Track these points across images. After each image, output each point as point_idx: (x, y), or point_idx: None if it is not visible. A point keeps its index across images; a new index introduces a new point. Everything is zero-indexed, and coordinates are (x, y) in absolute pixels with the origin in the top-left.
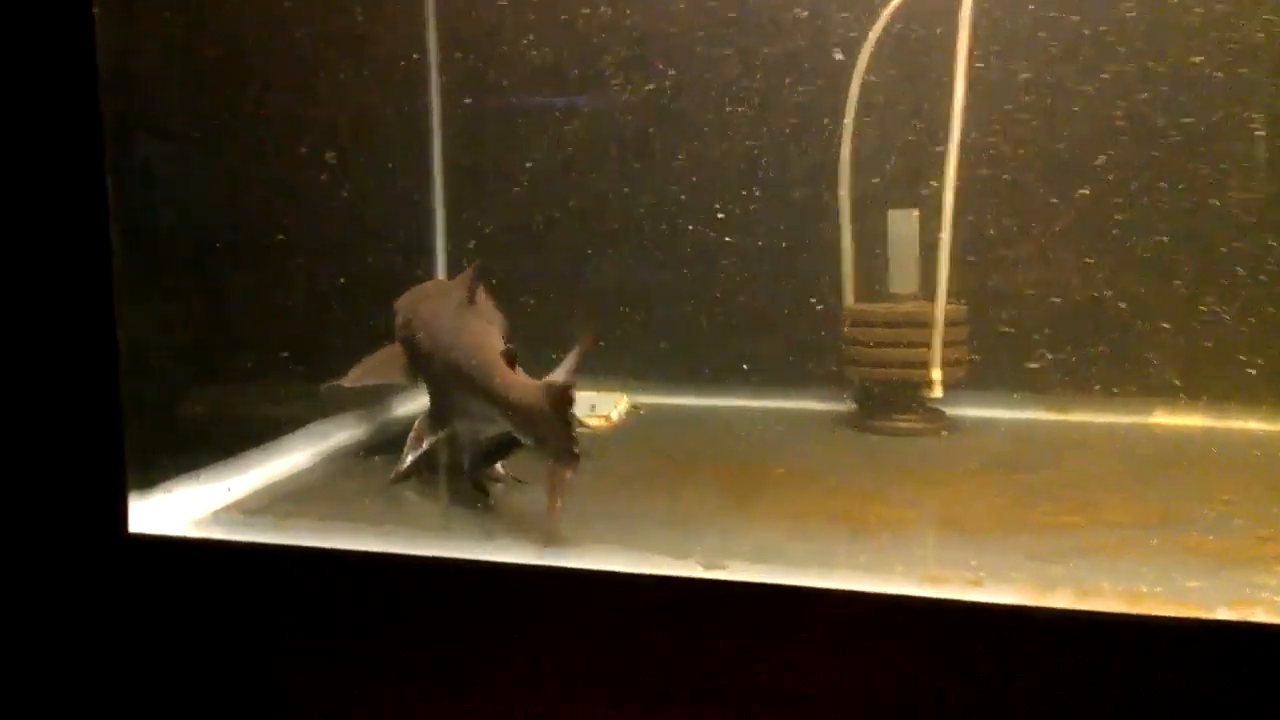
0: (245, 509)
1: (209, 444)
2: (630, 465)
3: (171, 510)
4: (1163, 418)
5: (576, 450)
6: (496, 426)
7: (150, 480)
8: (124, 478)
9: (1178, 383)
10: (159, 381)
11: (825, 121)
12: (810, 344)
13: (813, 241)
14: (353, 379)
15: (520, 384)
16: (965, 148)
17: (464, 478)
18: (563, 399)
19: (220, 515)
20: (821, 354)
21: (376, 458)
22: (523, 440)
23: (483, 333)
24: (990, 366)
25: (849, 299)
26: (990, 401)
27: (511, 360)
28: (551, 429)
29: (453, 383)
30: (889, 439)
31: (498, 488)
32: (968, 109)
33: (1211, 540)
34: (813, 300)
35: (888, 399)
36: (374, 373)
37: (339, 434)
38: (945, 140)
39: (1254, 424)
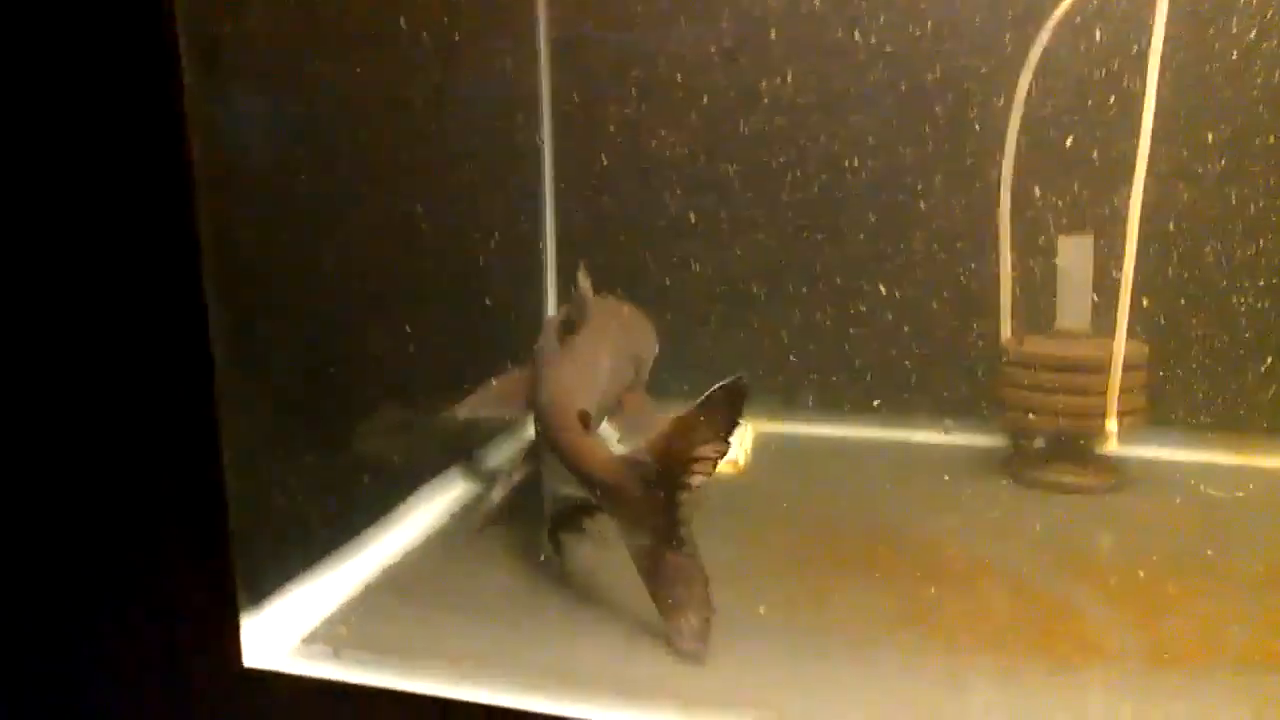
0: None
1: (318, 532)
2: (761, 542)
3: (287, 627)
4: None
5: (681, 538)
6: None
7: (262, 592)
8: (235, 604)
9: None
10: (260, 466)
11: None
12: (961, 376)
13: (975, 265)
14: (468, 409)
15: (594, 455)
16: (1154, 167)
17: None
18: (654, 472)
19: (336, 624)
20: (972, 388)
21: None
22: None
23: (570, 379)
24: (1171, 404)
25: (1006, 332)
26: (1158, 440)
27: (585, 422)
28: (642, 511)
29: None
30: (1053, 496)
31: (582, 549)
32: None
33: None
34: (966, 329)
35: (1052, 448)
36: (491, 403)
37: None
38: (1131, 158)
39: None
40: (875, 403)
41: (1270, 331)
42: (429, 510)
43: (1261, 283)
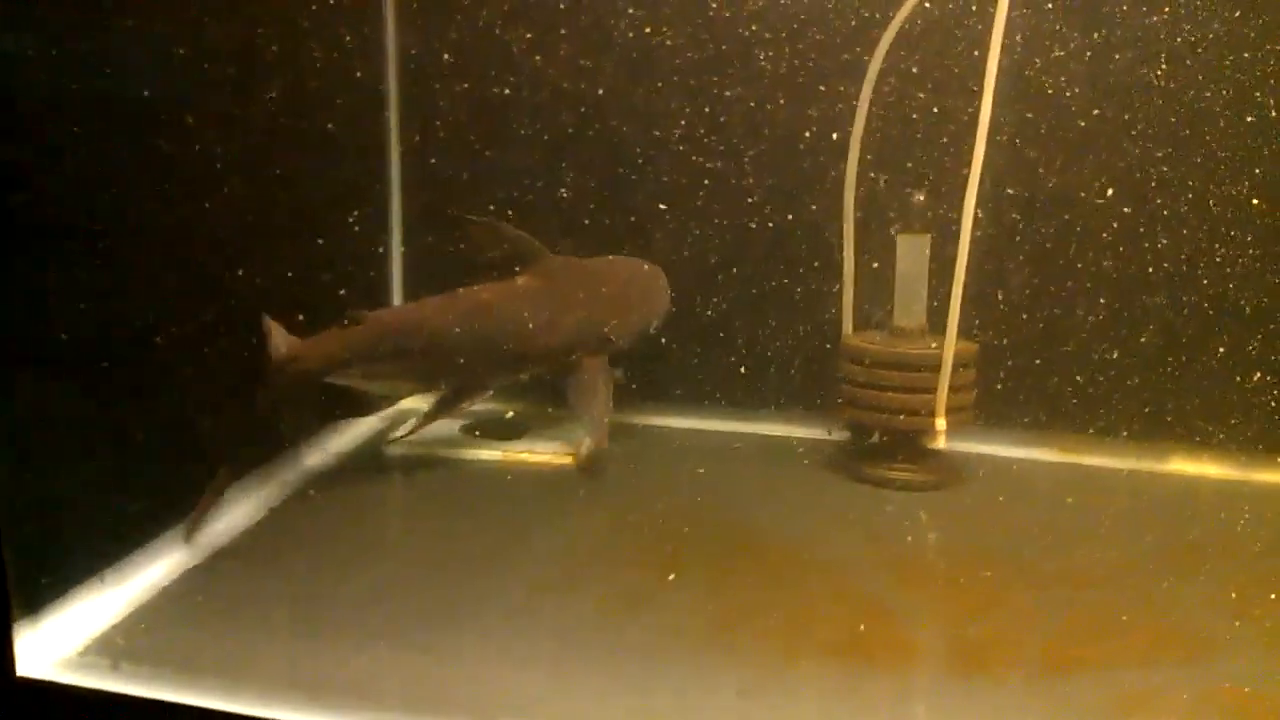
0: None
1: (105, 538)
2: (582, 535)
3: (65, 637)
4: (1180, 464)
5: None
6: None
7: (40, 601)
8: (7, 612)
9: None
10: (37, 467)
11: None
12: (805, 370)
13: (819, 261)
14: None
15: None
16: (989, 168)
17: None
18: None
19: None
20: (817, 382)
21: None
22: None
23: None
24: (998, 401)
25: (848, 328)
26: (995, 438)
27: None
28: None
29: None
30: (885, 492)
31: None
32: (995, 122)
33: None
34: (807, 327)
35: (885, 444)
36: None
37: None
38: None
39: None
40: (716, 395)
41: (1098, 332)
42: (229, 516)
43: (1089, 285)
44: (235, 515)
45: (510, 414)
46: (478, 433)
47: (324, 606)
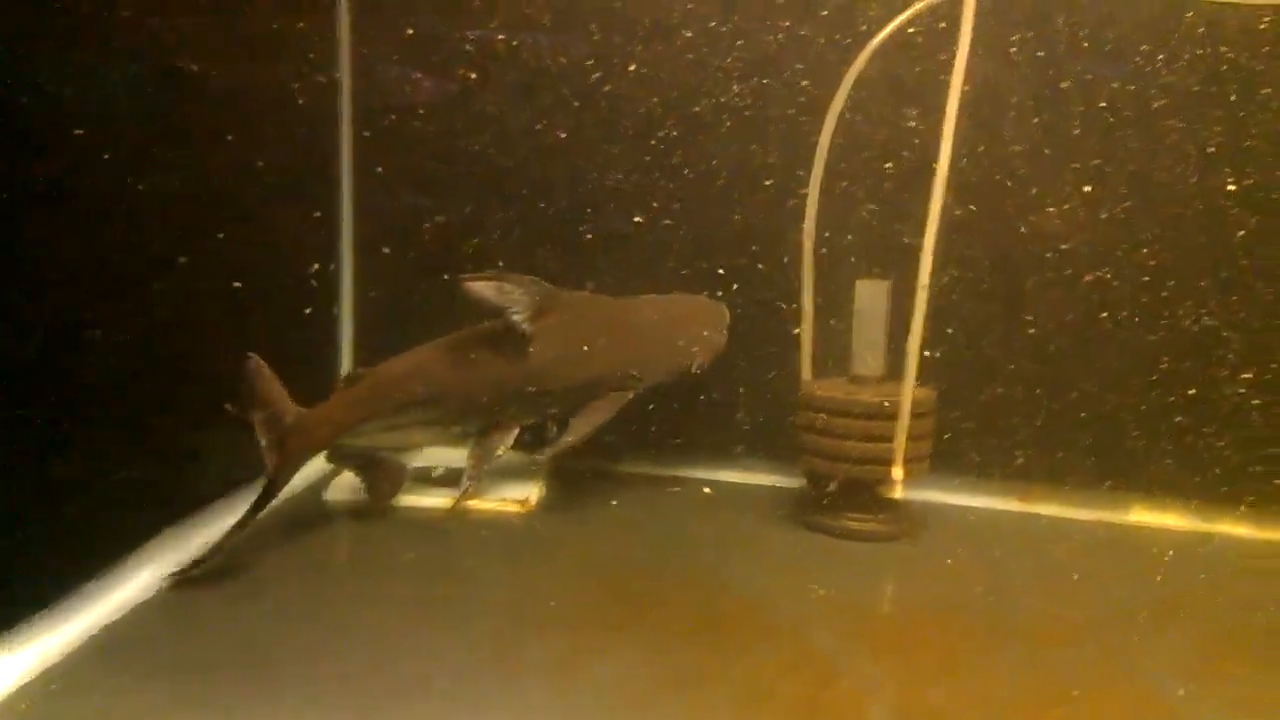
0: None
1: (25, 584)
2: (524, 589)
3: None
4: (1141, 515)
5: None
6: None
7: None
8: None
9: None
10: None
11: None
12: (765, 419)
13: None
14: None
15: None
16: (948, 218)
17: None
18: None
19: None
20: (777, 430)
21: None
22: None
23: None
24: (959, 450)
25: (807, 374)
26: (954, 487)
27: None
28: None
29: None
30: (842, 543)
31: None
32: (954, 171)
33: None
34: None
35: (843, 494)
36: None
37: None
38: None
39: (1241, 529)
40: (676, 440)
41: (1058, 381)
42: (160, 563)
43: (1049, 334)
44: (167, 564)
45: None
46: (433, 475)
47: (254, 668)
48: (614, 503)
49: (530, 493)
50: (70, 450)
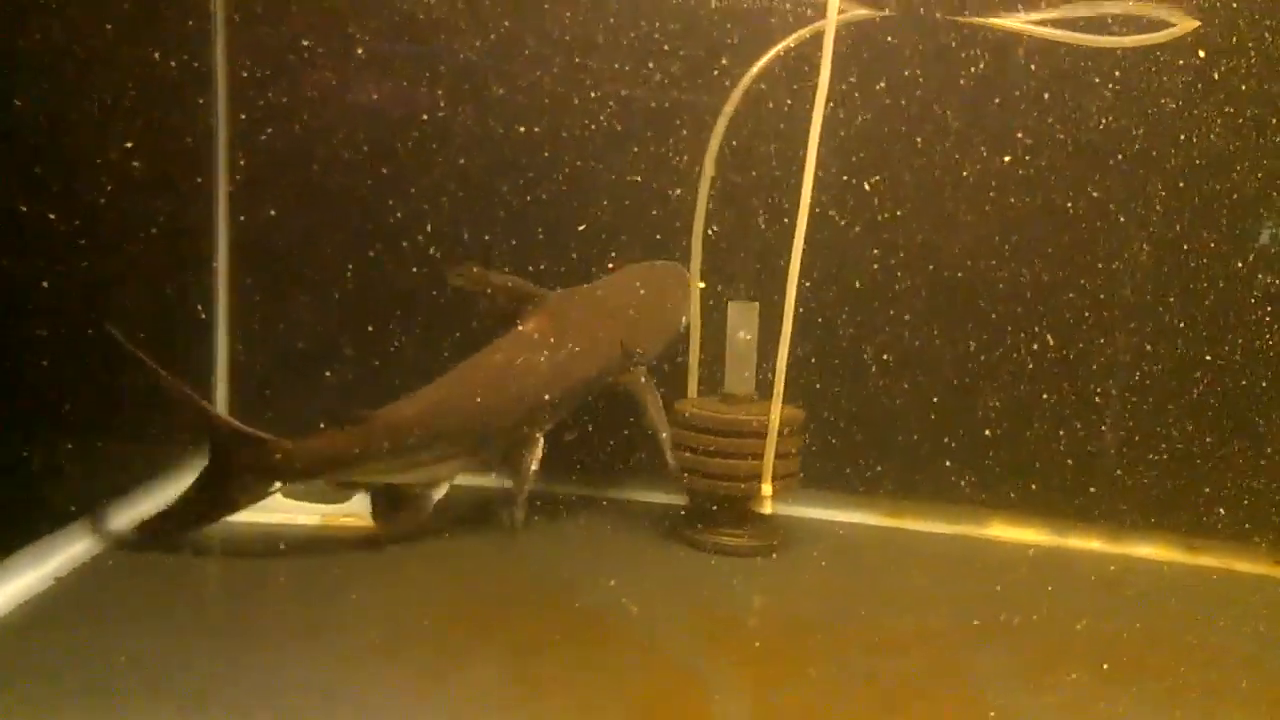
0: None
1: None
2: (402, 601)
3: None
4: (1000, 530)
5: None
6: None
7: None
8: None
9: (1021, 496)
10: None
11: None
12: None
13: None
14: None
15: None
16: (814, 237)
17: None
18: None
19: None
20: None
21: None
22: None
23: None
24: (828, 465)
25: (691, 392)
26: (824, 502)
27: None
28: None
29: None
30: (713, 557)
31: None
32: (818, 193)
33: None
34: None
35: (715, 510)
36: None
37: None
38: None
39: (1094, 543)
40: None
41: (920, 401)
42: (35, 573)
43: (916, 351)
44: (20, 582)
45: None
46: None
47: (90, 694)
48: (494, 521)
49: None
50: None
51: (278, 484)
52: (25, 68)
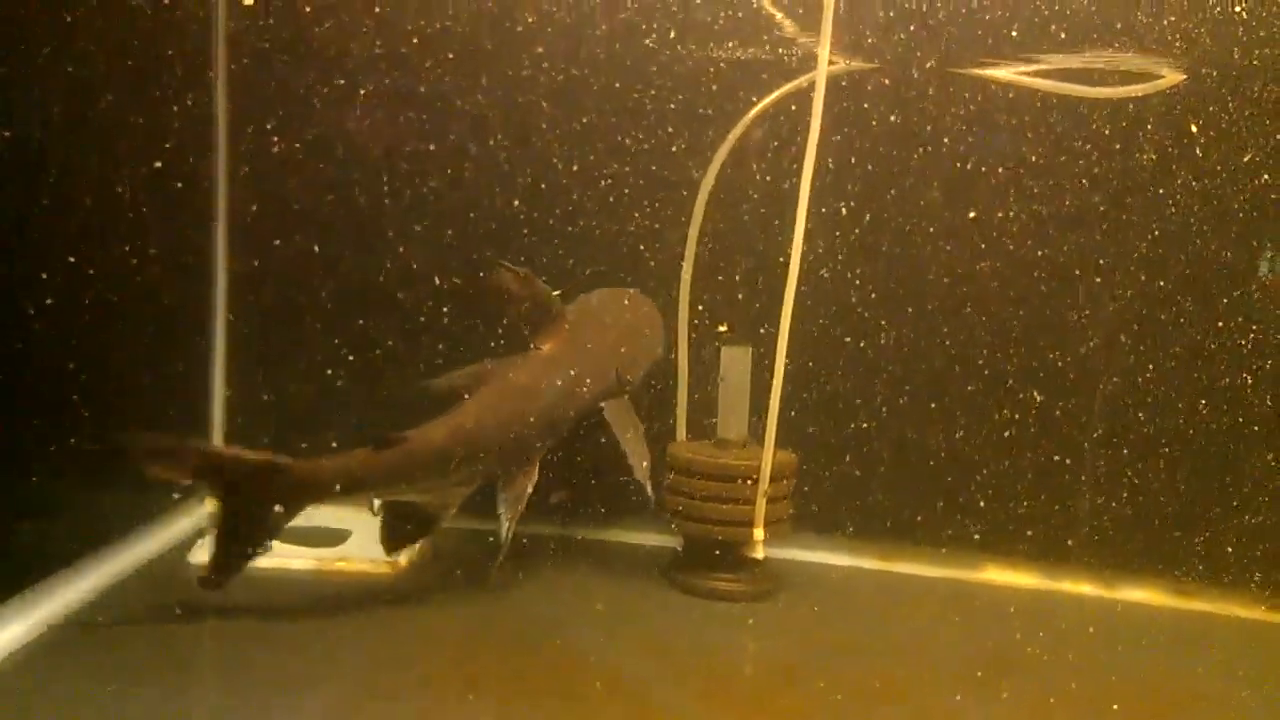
0: None
1: None
2: (391, 646)
3: None
4: (994, 574)
5: None
6: None
7: None
8: None
9: (1014, 540)
10: None
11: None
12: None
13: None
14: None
15: None
16: (808, 281)
17: None
18: None
19: None
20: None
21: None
22: None
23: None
24: (821, 509)
25: (681, 435)
26: (817, 546)
27: None
28: None
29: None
30: (705, 603)
31: None
32: (811, 241)
33: None
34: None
35: (708, 554)
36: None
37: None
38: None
39: (1086, 587)
40: (552, 499)
41: (912, 445)
42: (24, 621)
43: (907, 396)
44: (5, 635)
45: None
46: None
47: None
48: (488, 563)
49: (401, 554)
50: None
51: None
52: (33, 104)
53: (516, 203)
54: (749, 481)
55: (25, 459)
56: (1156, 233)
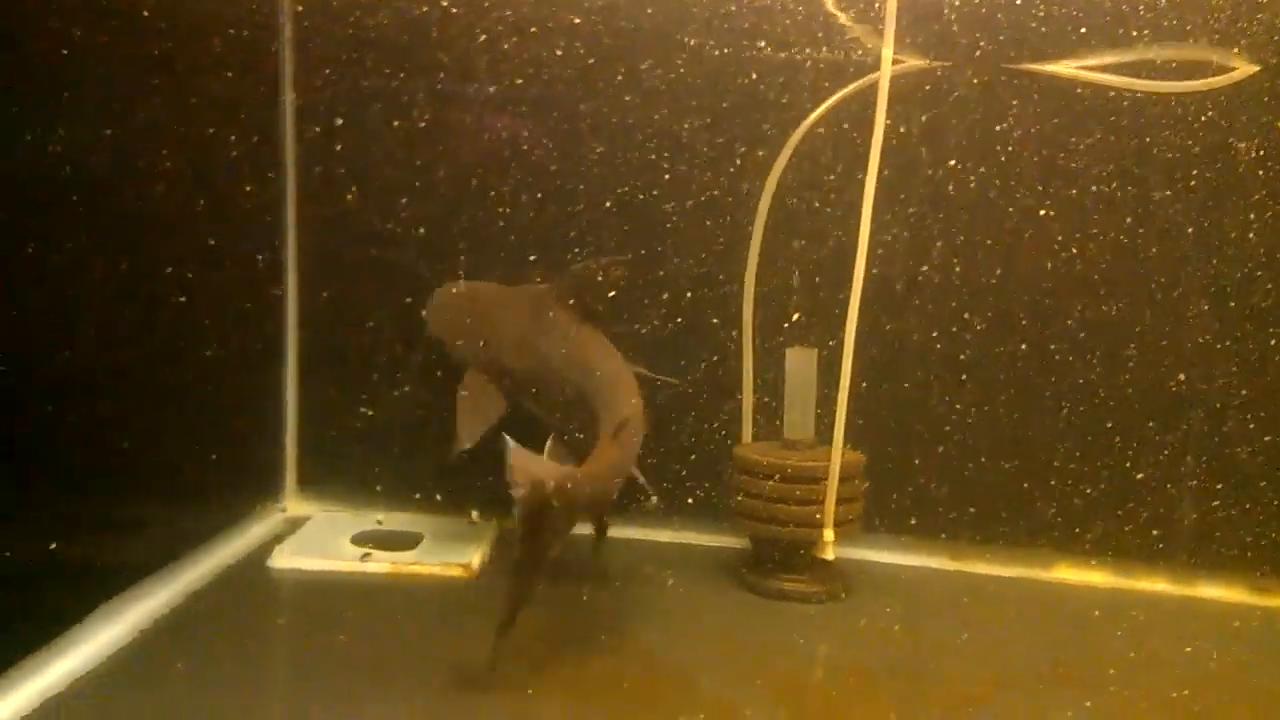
0: None
1: None
2: (467, 650)
3: None
4: (1064, 573)
5: None
6: None
7: None
8: None
9: (1087, 538)
10: None
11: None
12: (706, 477)
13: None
14: (470, 437)
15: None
16: (872, 280)
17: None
18: None
19: None
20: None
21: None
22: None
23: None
24: (890, 509)
25: (747, 436)
26: (887, 545)
27: None
28: None
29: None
30: (775, 604)
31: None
32: (876, 236)
33: None
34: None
35: (776, 556)
36: (483, 419)
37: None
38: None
39: (1161, 585)
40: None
41: (982, 443)
42: (118, 626)
43: (976, 392)
44: (100, 640)
45: (380, 520)
46: (369, 546)
47: None
48: (560, 565)
49: (474, 556)
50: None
51: None
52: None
53: (609, 204)
54: (818, 482)
55: (114, 474)
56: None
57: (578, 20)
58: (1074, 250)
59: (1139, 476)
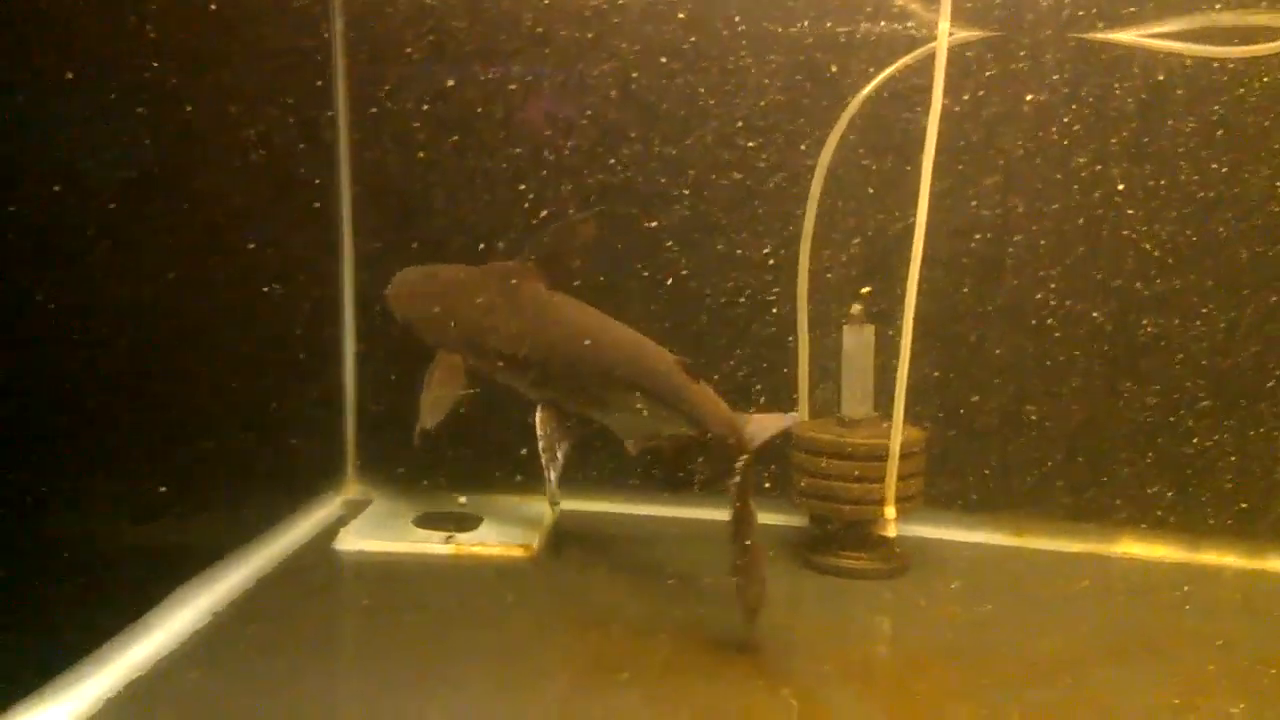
0: None
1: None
2: (532, 627)
3: None
4: (1129, 547)
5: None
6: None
7: None
8: None
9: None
10: None
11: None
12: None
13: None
14: (434, 417)
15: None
16: (930, 258)
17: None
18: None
19: None
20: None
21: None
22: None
23: (630, 332)
24: (950, 485)
25: (804, 416)
26: (947, 522)
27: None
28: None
29: (601, 386)
30: (837, 580)
31: None
32: (933, 215)
33: None
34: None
35: (837, 532)
36: (447, 396)
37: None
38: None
39: (1229, 558)
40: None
41: (1045, 419)
42: (193, 609)
43: (1036, 368)
44: (178, 622)
45: (463, 500)
46: (431, 528)
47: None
48: (616, 545)
49: (534, 537)
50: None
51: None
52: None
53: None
54: (879, 459)
55: (185, 462)
56: None
57: None
58: (1144, 228)
59: (1205, 448)
